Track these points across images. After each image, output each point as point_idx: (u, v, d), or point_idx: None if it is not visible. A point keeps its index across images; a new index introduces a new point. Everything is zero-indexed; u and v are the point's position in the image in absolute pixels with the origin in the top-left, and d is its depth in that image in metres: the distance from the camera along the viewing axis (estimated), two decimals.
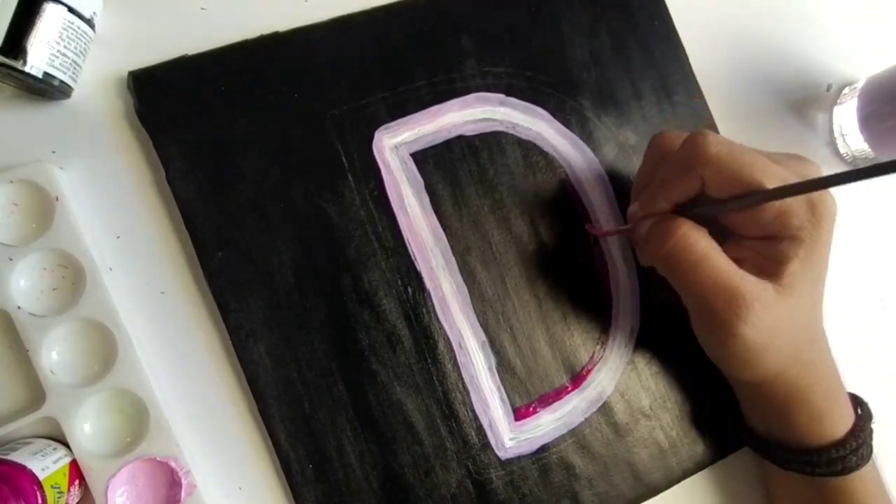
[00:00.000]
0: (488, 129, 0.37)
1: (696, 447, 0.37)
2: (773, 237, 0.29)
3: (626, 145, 0.38)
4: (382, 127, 0.35)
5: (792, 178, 0.28)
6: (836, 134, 0.41)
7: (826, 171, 0.33)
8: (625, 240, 0.38)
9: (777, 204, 0.28)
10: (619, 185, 0.38)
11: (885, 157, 0.39)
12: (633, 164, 0.38)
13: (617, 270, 0.37)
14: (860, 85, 0.41)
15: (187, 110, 0.33)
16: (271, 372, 0.32)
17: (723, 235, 0.31)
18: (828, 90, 0.42)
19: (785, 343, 0.30)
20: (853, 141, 0.40)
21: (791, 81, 0.41)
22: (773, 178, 0.28)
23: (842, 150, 0.41)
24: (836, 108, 0.42)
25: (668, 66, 0.39)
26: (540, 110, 0.37)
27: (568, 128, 0.37)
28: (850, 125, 0.40)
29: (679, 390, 0.37)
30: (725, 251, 0.30)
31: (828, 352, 0.33)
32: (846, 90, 0.41)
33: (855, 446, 0.32)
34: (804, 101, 0.42)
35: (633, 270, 0.37)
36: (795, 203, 0.28)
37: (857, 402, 0.34)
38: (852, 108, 0.40)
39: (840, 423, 0.32)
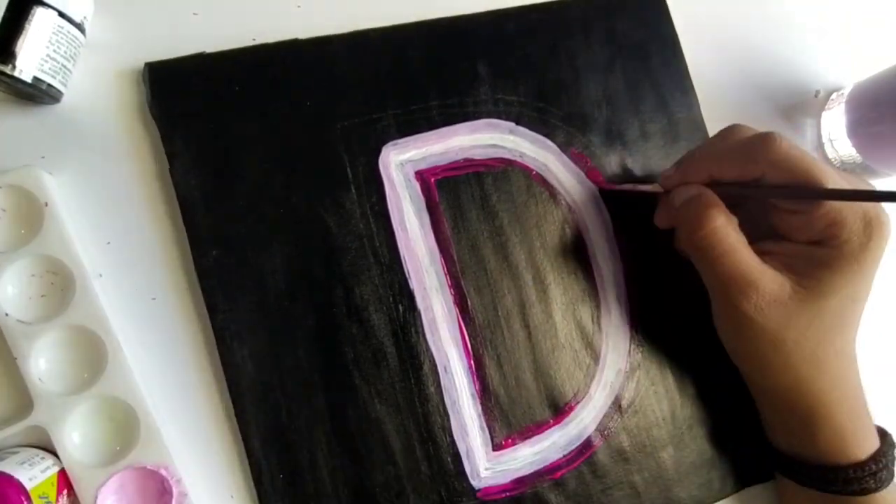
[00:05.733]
0: (496, 156, 0.37)
1: (670, 493, 0.36)
2: (817, 243, 0.30)
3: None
4: (390, 143, 0.35)
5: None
6: (825, 139, 0.42)
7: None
8: (619, 282, 0.37)
9: (832, 213, 0.29)
10: (619, 224, 0.37)
11: (872, 163, 0.40)
12: (636, 203, 0.38)
13: (610, 310, 0.37)
14: (847, 91, 0.41)
15: (198, 106, 0.33)
16: (252, 376, 0.32)
17: (759, 230, 0.32)
18: (816, 96, 0.42)
19: (804, 345, 0.30)
20: (841, 146, 0.41)
21: (780, 88, 0.42)
22: (832, 183, 0.28)
23: (830, 155, 0.42)
24: (824, 114, 0.42)
25: (678, 112, 0.39)
26: (549, 142, 0.37)
27: (574, 162, 0.38)
28: (837, 130, 0.41)
29: (660, 436, 0.36)
30: (763, 244, 0.31)
31: (856, 373, 0.33)
32: (834, 96, 0.42)
33: (874, 469, 0.31)
34: (793, 106, 0.42)
35: (625, 313, 0.37)
36: (850, 216, 0.29)
37: (882, 433, 0.34)
38: (840, 114, 0.41)
39: (863, 444, 0.32)
